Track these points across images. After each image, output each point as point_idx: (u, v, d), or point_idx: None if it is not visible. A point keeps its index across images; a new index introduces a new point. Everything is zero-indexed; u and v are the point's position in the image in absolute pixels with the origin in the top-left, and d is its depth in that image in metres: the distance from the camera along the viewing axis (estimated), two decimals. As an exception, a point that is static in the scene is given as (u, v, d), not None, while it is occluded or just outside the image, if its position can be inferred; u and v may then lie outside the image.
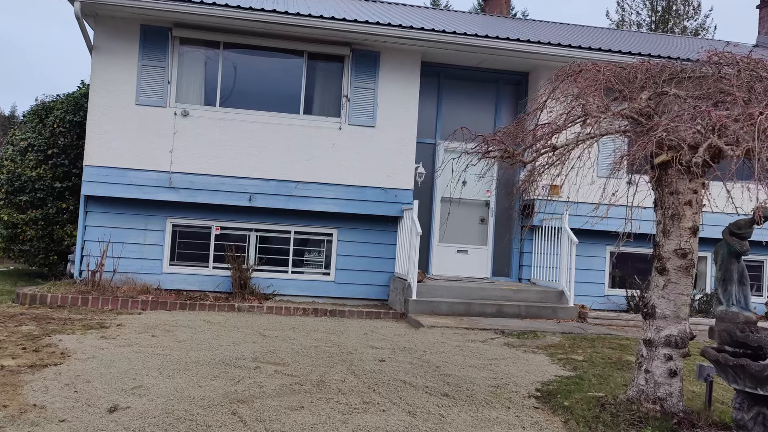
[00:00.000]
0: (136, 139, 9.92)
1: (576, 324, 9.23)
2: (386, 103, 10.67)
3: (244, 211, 10.41)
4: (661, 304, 4.75)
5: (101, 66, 9.90)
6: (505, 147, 4.72)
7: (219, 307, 9.08)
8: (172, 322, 7.87)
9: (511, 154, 4.76)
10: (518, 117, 5.26)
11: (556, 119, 4.44)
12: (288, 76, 10.61)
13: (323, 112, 10.63)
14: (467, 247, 11.24)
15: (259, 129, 10.25)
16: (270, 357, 6.12)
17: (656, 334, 4.74)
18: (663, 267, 4.74)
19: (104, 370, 5.28)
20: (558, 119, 4.43)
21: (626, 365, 6.60)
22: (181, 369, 5.45)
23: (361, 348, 6.84)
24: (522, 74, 11.70)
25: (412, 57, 10.77)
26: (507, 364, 6.37)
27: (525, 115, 5.44)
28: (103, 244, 9.77)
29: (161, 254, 10.20)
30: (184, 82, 10.24)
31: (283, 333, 7.51)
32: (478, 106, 11.70)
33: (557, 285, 10.14)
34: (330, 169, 10.42)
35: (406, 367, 6.00)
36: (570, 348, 7.40)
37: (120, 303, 8.82)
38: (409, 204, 10.22)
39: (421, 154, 11.08)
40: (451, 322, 8.62)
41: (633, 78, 4.80)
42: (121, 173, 9.86)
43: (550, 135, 4.39)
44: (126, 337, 6.73)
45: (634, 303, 10.71)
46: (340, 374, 5.59)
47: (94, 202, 10.07)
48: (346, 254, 10.70)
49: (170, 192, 9.99)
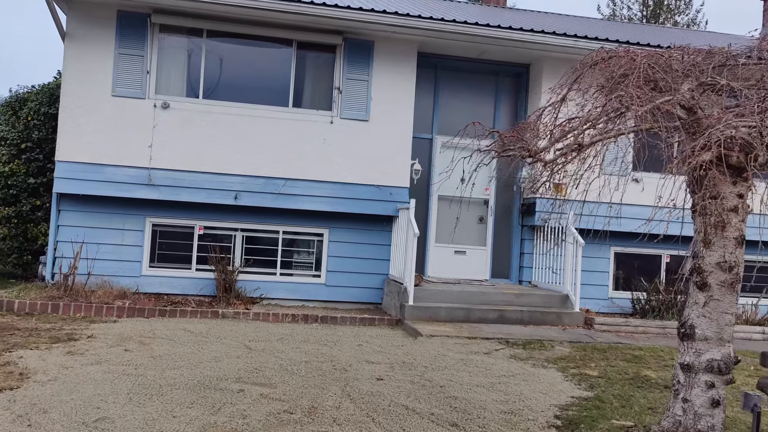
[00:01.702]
0: (112, 132, 9.23)
1: (583, 331, 8.68)
2: (381, 95, 10.04)
3: (230, 210, 9.76)
4: (701, 324, 4.17)
5: (74, 54, 9.19)
6: (525, 144, 4.12)
7: (201, 313, 8.44)
8: (149, 332, 7.23)
9: (533, 152, 4.16)
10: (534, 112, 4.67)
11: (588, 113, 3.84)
12: (276, 66, 9.95)
13: (314, 105, 9.99)
14: (465, 248, 10.65)
15: (246, 123, 9.60)
16: (255, 376, 5.51)
17: (696, 358, 4.16)
18: (704, 282, 4.16)
19: (66, 396, 4.65)
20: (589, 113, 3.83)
21: (646, 382, 6.05)
22: (155, 394, 4.82)
23: (356, 363, 6.23)
24: (523, 66, 11.10)
25: (408, 47, 10.14)
26: (517, 383, 5.79)
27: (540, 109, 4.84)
28: (77, 245, 9.09)
29: (140, 256, 9.54)
30: (164, 72, 9.55)
31: (270, 345, 6.89)
32: (477, 100, 11.09)
33: (561, 288, 9.58)
34: (321, 166, 9.80)
35: (407, 388, 5.41)
36: (581, 361, 6.84)
37: (94, 309, 8.15)
38: (405, 203, 9.62)
39: (417, 149, 10.47)
40: (451, 330, 8.04)
41: (668, 67, 4.21)
42: (96, 169, 9.18)
43: (581, 130, 3.79)
44: (96, 352, 6.09)
45: (639, 306, 10.18)
46: (335, 398, 4.99)
47: (68, 200, 9.39)
48: (338, 255, 10.08)
49: (150, 189, 9.32)
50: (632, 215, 6.14)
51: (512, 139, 4.23)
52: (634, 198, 5.71)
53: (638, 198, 5.82)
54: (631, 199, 5.50)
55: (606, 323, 8.99)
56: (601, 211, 5.01)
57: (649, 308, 9.94)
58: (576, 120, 4.01)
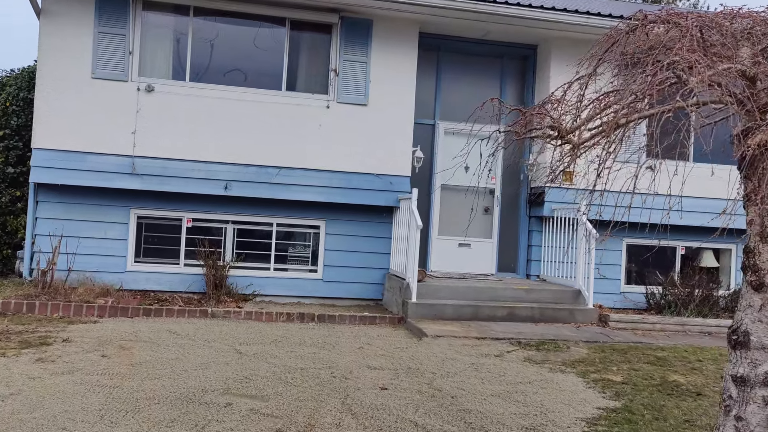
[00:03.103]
0: (93, 118, 8.60)
1: (598, 329, 8.13)
2: (380, 78, 9.42)
3: (220, 201, 9.15)
4: (758, 331, 3.60)
5: (50, 32, 8.53)
6: (553, 122, 3.53)
7: (189, 312, 7.85)
8: (131, 334, 6.64)
9: (562, 131, 3.57)
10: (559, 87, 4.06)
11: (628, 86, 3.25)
12: (268, 47, 9.31)
13: (309, 89, 9.37)
14: (470, 240, 10.06)
15: (236, 107, 8.97)
16: (246, 387, 4.93)
17: (752, 369, 3.59)
18: (760, 282, 3.59)
19: (27, 414, 4.06)
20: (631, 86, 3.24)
21: (675, 389, 5.50)
22: (130, 410, 4.24)
23: (357, 369, 5.66)
24: (530, 48, 10.48)
25: (409, 27, 9.51)
26: (536, 391, 5.23)
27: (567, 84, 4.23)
28: (55, 239, 8.48)
29: (125, 250, 8.93)
30: (148, 52, 8.91)
31: (263, 348, 6.31)
32: (481, 84, 10.46)
33: (572, 283, 9.03)
34: (316, 153, 9.18)
35: (414, 399, 4.84)
36: (602, 364, 6.29)
37: (73, 309, 7.56)
38: (407, 192, 9.03)
39: (418, 135, 9.86)
40: (458, 329, 7.48)
41: (722, 29, 3.62)
42: (75, 157, 8.55)
43: (625, 105, 3.20)
44: (69, 358, 5.50)
45: (654, 301, 9.63)
46: (334, 413, 4.42)
47: (46, 191, 8.76)
48: (336, 249, 9.49)
49: (134, 179, 8.70)
50: (638, 205, 5.56)
51: (539, 116, 3.64)
52: (648, 187, 5.14)
53: (652, 187, 5.24)
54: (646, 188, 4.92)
55: (622, 320, 8.44)
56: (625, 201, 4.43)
57: (665, 303, 9.39)
58: (613, 95, 3.42)
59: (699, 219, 6.03)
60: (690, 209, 5.91)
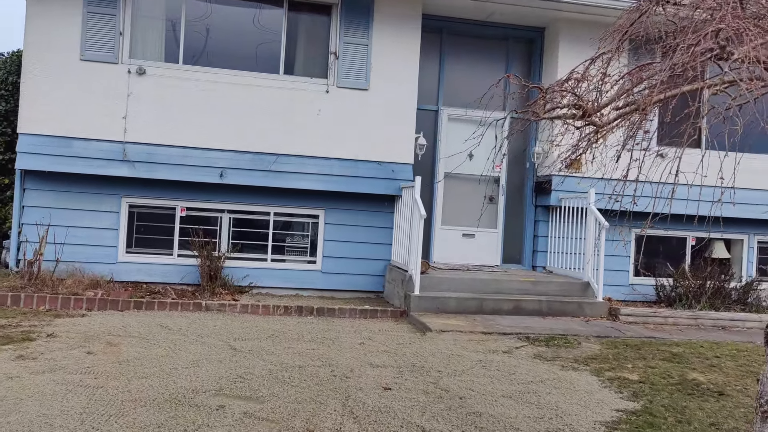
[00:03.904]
0: (82, 101, 8.23)
1: (608, 323, 7.81)
2: (382, 62, 9.05)
3: (215, 189, 8.80)
4: (801, 330, 3.28)
5: (37, 11, 8.14)
6: (578, 100, 3.19)
7: (183, 305, 7.51)
8: (120, 328, 6.31)
9: (587, 111, 3.22)
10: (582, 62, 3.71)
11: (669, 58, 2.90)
12: (266, 29, 8.93)
13: (307, 73, 8.99)
14: (474, 231, 9.72)
15: (231, 92, 8.60)
16: (240, 387, 4.61)
17: (794, 372, 3.28)
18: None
19: (1, 418, 3.74)
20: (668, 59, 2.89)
21: (696, 388, 5.18)
22: (114, 413, 3.92)
23: (358, 367, 5.34)
24: (537, 31, 10.09)
25: (411, 7, 9.13)
26: (549, 391, 4.91)
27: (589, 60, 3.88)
28: (43, 229, 8.13)
29: (116, 240, 8.59)
30: (140, 33, 8.53)
31: (259, 344, 5.98)
32: (486, 68, 10.06)
33: (581, 275, 8.70)
34: (315, 140, 8.82)
35: (420, 401, 4.52)
36: (616, 361, 5.97)
37: (60, 301, 7.23)
38: (409, 181, 8.68)
39: (421, 122, 9.50)
40: (463, 323, 7.15)
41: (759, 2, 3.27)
42: (64, 143, 8.19)
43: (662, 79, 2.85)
44: (52, 355, 5.17)
45: (664, 294, 9.31)
46: (334, 416, 4.10)
47: (33, 178, 8.41)
48: (335, 239, 9.14)
49: (125, 166, 8.35)
50: (649, 194, 5.21)
51: (563, 93, 3.29)
52: (658, 175, 4.79)
53: (660, 175, 4.89)
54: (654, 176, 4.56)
55: (632, 314, 8.12)
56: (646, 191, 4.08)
57: (676, 296, 9.07)
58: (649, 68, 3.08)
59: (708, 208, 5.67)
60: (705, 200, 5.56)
